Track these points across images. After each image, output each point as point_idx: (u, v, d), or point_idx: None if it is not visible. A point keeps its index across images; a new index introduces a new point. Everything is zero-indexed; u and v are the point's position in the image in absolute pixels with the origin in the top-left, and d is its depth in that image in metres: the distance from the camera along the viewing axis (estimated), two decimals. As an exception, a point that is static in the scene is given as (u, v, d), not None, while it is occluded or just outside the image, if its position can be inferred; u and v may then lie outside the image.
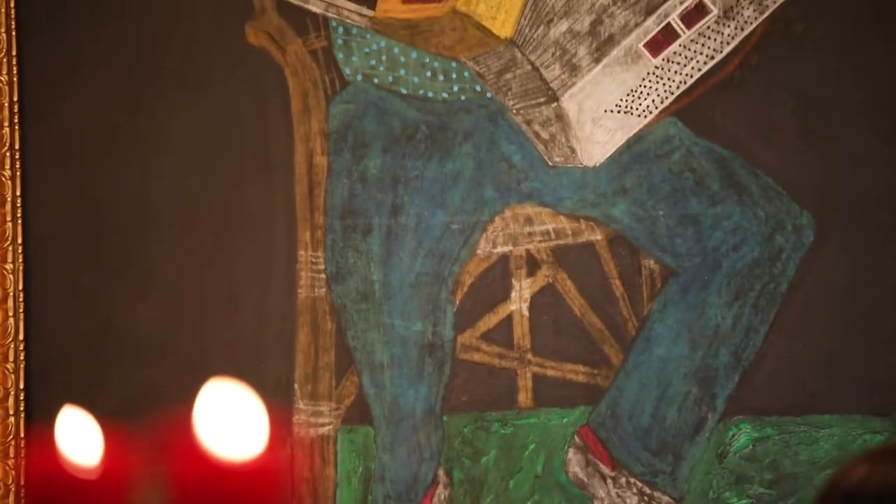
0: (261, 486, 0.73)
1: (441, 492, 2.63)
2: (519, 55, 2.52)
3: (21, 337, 2.62)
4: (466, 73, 2.63)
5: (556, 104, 2.54)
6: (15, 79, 2.59)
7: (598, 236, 2.64)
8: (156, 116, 2.62)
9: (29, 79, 2.61)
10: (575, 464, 2.61)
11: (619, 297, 2.64)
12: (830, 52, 2.58)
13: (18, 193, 2.61)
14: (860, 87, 2.58)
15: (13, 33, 2.59)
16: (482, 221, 2.64)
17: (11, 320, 2.61)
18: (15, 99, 2.60)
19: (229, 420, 0.75)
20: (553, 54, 2.52)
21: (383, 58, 2.64)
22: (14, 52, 2.59)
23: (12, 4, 2.59)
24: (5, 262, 2.60)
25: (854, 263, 2.59)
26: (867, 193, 2.58)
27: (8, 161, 2.59)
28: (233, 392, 0.77)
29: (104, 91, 2.62)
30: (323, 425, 2.65)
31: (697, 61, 2.56)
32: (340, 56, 2.64)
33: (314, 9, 2.61)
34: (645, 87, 2.56)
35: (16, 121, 2.60)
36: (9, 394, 2.60)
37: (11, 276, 2.61)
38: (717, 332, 2.61)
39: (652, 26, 2.54)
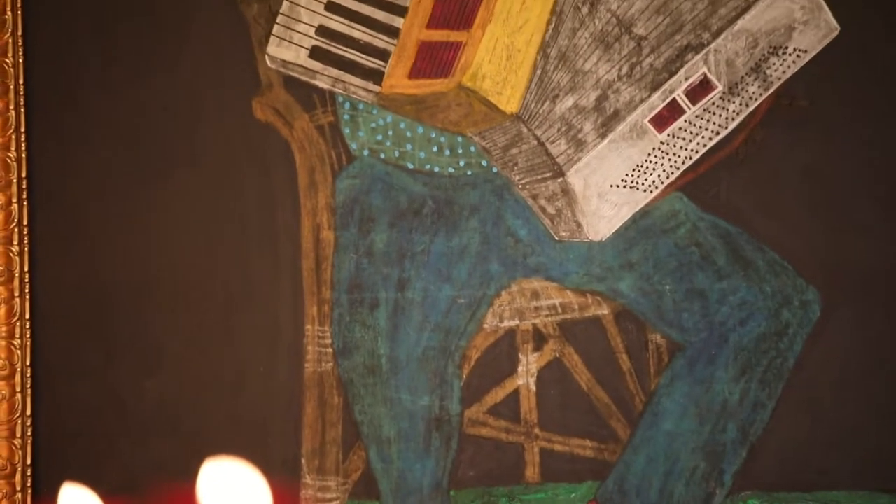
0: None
1: (448, 567, 2.59)
2: (525, 130, 2.48)
3: (28, 412, 2.57)
4: (472, 148, 2.60)
5: (562, 179, 2.51)
6: (23, 155, 2.56)
7: (604, 311, 2.60)
8: (162, 191, 2.58)
9: (37, 154, 2.58)
10: (582, 539, 2.57)
11: (626, 372, 2.60)
12: (836, 128, 2.55)
13: (26, 269, 2.57)
14: (866, 163, 2.55)
15: (22, 109, 2.56)
16: (489, 296, 2.61)
17: (19, 396, 2.57)
18: (23, 175, 2.56)
19: (235, 496, 0.70)
20: (559, 129, 2.48)
21: (390, 133, 2.61)
22: (23, 129, 2.56)
23: (21, 81, 2.56)
24: (13, 337, 2.56)
25: (861, 338, 2.55)
26: (874, 268, 2.54)
27: (16, 237, 2.56)
28: (239, 469, 0.73)
29: (111, 166, 2.58)
30: (330, 500, 2.60)
31: (703, 137, 2.52)
32: (347, 131, 2.61)
33: (321, 84, 2.58)
34: (650, 162, 2.52)
35: (24, 196, 2.56)
36: (16, 470, 2.56)
37: (19, 352, 2.56)
38: (724, 406, 2.57)
39: (657, 102, 2.50)
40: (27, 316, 2.57)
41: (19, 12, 2.55)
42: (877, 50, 2.55)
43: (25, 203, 2.57)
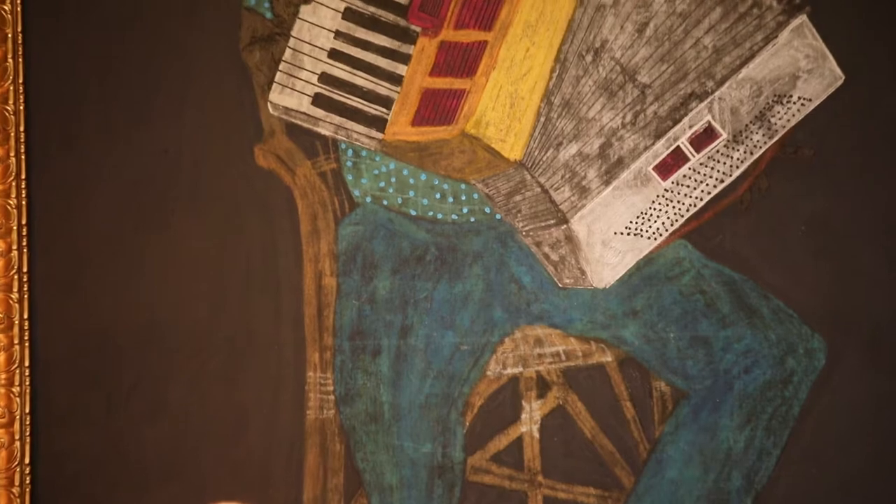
0: None
1: None
2: (528, 177, 2.45)
3: (27, 461, 2.52)
4: (476, 195, 2.57)
5: (565, 226, 2.47)
6: (23, 202, 2.51)
7: (608, 358, 2.56)
8: (164, 238, 2.54)
9: (37, 201, 2.53)
10: (587, 589, 2.53)
11: (631, 420, 2.56)
12: (840, 177, 2.53)
13: (26, 316, 2.52)
14: (870, 211, 2.52)
15: (22, 156, 2.51)
16: (492, 343, 2.57)
17: (17, 444, 2.51)
18: (23, 222, 2.51)
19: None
20: (563, 177, 2.45)
21: (393, 180, 2.57)
22: (23, 176, 2.51)
23: (21, 128, 2.52)
24: (12, 385, 2.51)
25: (866, 387, 2.52)
26: (879, 317, 2.52)
27: (16, 284, 2.51)
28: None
29: (112, 212, 2.53)
30: (331, 549, 2.56)
31: (707, 185, 2.49)
32: (350, 178, 2.57)
33: (324, 131, 2.54)
34: (655, 209, 2.49)
35: (24, 243, 2.51)
36: (14, 519, 2.51)
37: (18, 399, 2.51)
38: (729, 454, 2.53)
39: (661, 150, 2.47)
40: (27, 363, 2.51)
41: (20, 59, 2.51)
42: (881, 99, 2.53)
43: (25, 250, 2.52)
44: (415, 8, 2.50)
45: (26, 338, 2.52)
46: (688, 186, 2.48)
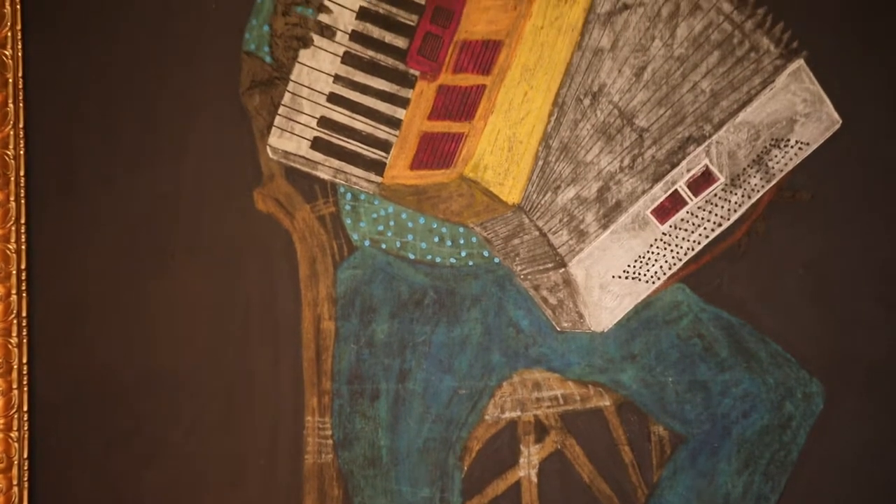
0: None
1: None
2: (527, 221, 2.43)
3: (25, 505, 2.50)
4: (474, 239, 2.55)
5: (563, 270, 2.45)
6: (23, 246, 2.50)
7: (606, 402, 2.54)
8: (163, 281, 2.52)
9: (37, 246, 2.52)
10: None
11: (629, 464, 2.53)
12: (837, 221, 2.50)
13: (25, 361, 2.50)
14: (869, 256, 2.50)
15: (22, 201, 2.50)
16: (490, 387, 2.54)
17: (16, 489, 2.49)
18: (23, 266, 2.50)
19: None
20: (561, 220, 2.43)
21: (391, 223, 2.55)
22: (23, 220, 2.50)
23: (21, 172, 2.50)
24: (10, 430, 2.49)
25: (865, 431, 2.49)
26: (877, 361, 2.49)
27: (15, 329, 2.49)
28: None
29: (111, 257, 2.52)
30: (330, 593, 2.54)
31: (705, 228, 2.47)
32: (348, 222, 2.56)
33: (322, 175, 2.53)
34: (652, 253, 2.47)
35: (23, 288, 2.50)
36: (12, 563, 2.49)
37: (16, 445, 2.49)
38: (727, 499, 2.50)
39: (659, 193, 2.46)
40: (25, 408, 2.49)
41: (21, 104, 2.50)
42: (879, 143, 2.51)
43: (25, 294, 2.50)
44: (413, 52, 2.49)
45: (25, 382, 2.50)
46: (686, 230, 2.46)
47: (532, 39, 2.41)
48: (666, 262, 2.47)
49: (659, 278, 2.48)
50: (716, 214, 2.47)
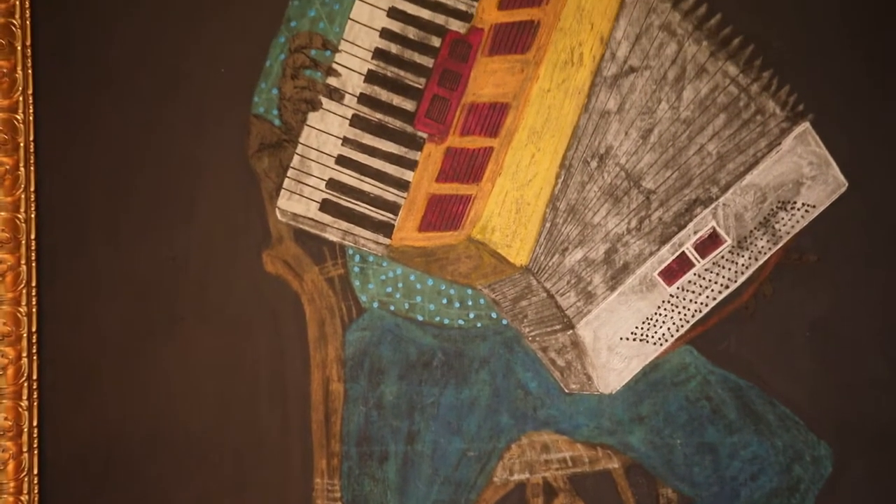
0: None
1: None
2: (534, 282, 2.41)
3: (35, 568, 2.48)
4: (482, 301, 2.53)
5: (571, 331, 2.44)
6: (33, 309, 2.49)
7: (615, 464, 2.51)
8: (172, 345, 2.51)
9: (47, 308, 2.51)
10: None
11: (637, 526, 2.51)
12: (844, 283, 2.49)
13: (35, 424, 2.49)
14: (875, 318, 2.48)
15: (33, 263, 2.49)
16: (499, 449, 2.52)
17: (25, 551, 2.48)
18: (33, 329, 2.49)
19: None
20: (568, 282, 2.42)
21: (399, 285, 2.54)
22: (33, 283, 2.49)
23: (32, 235, 2.49)
24: (21, 493, 2.47)
25: (874, 495, 2.46)
26: (886, 424, 2.47)
27: (25, 391, 2.48)
28: None
29: (121, 318, 2.51)
30: None
31: (712, 290, 2.46)
32: (357, 283, 2.54)
33: (331, 237, 2.52)
34: (660, 315, 2.45)
35: (34, 350, 2.49)
36: None
37: (26, 507, 2.48)
38: (736, 562, 2.48)
39: (667, 255, 2.44)
40: (35, 471, 2.48)
41: (31, 168, 2.49)
42: (885, 206, 2.49)
43: (35, 357, 2.49)
44: (421, 114, 2.48)
45: (35, 446, 2.48)
46: (693, 292, 2.45)
47: (539, 102, 2.40)
48: (674, 323, 2.45)
49: (667, 340, 2.46)
50: (723, 276, 2.45)
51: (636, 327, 2.44)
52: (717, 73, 2.45)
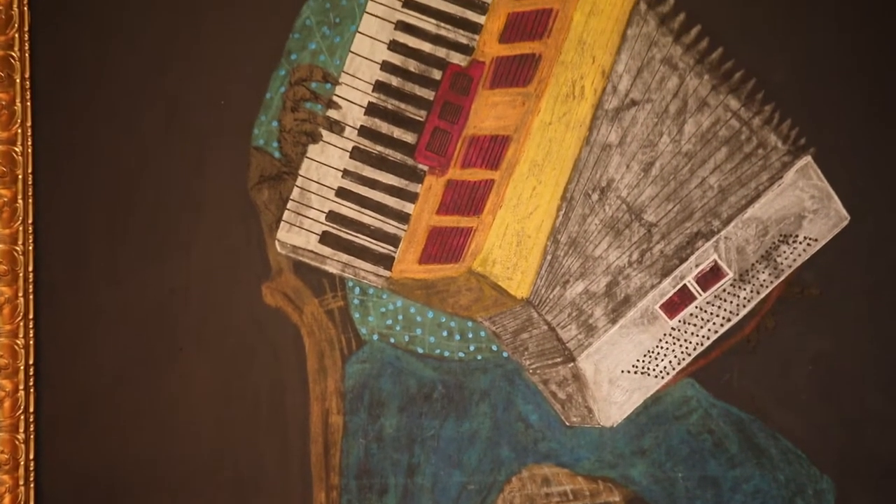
0: None
1: None
2: (535, 315, 2.40)
3: None
4: (483, 333, 2.51)
5: (572, 364, 2.42)
6: (31, 342, 2.46)
7: (616, 497, 2.49)
8: (171, 377, 2.48)
9: (44, 341, 2.48)
10: None
11: (639, 560, 2.49)
12: (846, 317, 2.47)
13: (31, 457, 2.46)
14: (878, 351, 2.47)
15: (30, 297, 2.46)
16: (499, 482, 2.50)
17: (21, 586, 2.44)
18: (30, 362, 2.46)
19: None
20: (569, 315, 2.40)
21: (400, 317, 2.52)
22: (31, 316, 2.47)
23: (30, 268, 2.47)
24: (17, 527, 2.45)
25: (876, 529, 2.46)
26: (888, 458, 2.45)
27: (22, 425, 2.45)
28: None
29: (119, 352, 2.48)
30: None
31: (714, 323, 2.44)
32: (357, 316, 2.52)
33: (331, 269, 2.50)
34: (662, 348, 2.44)
35: (31, 383, 2.46)
36: None
37: (22, 541, 2.45)
38: None
39: (668, 288, 2.43)
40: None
41: (30, 200, 2.47)
42: (887, 239, 2.48)
43: (32, 389, 2.46)
44: (422, 147, 2.47)
45: (31, 479, 2.45)
46: (695, 325, 2.43)
47: (540, 135, 2.39)
48: (675, 356, 2.44)
49: (668, 373, 2.44)
50: (725, 310, 2.44)
51: (637, 360, 2.43)
52: (718, 106, 2.44)
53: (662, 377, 2.44)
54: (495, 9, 2.49)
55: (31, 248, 2.47)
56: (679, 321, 2.43)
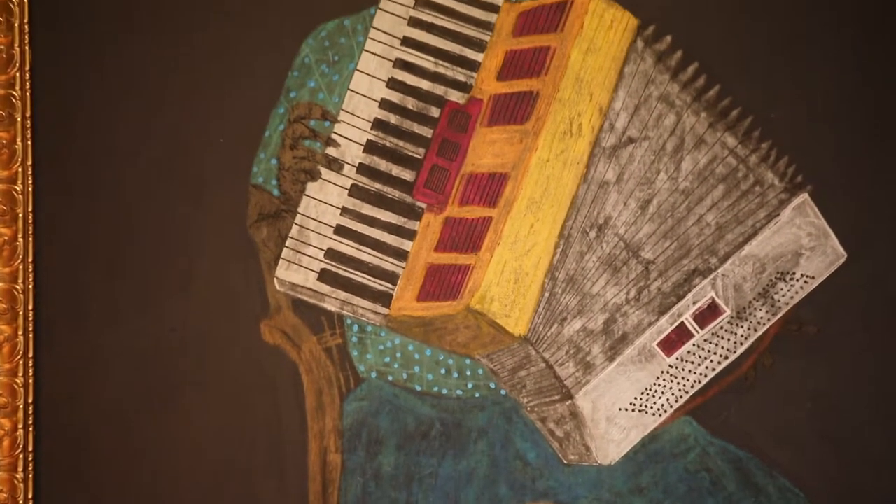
0: None
1: None
2: (533, 353, 2.39)
3: None
4: (481, 371, 2.51)
5: (570, 402, 2.41)
6: (30, 381, 2.46)
7: (614, 536, 2.49)
8: (170, 414, 2.47)
9: (43, 380, 2.48)
10: None
11: None
12: (844, 354, 2.46)
13: (30, 496, 2.45)
14: (876, 390, 2.45)
15: (30, 335, 2.46)
16: (497, 520, 2.50)
17: None
18: (29, 400, 2.45)
19: None
20: (567, 352, 2.39)
21: (398, 355, 2.51)
22: (30, 355, 2.46)
23: (30, 307, 2.47)
24: (15, 565, 2.44)
25: (876, 568, 2.44)
26: (886, 496, 2.44)
27: (21, 463, 2.44)
28: None
29: (117, 392, 2.47)
30: None
31: (711, 361, 2.43)
32: (355, 353, 2.52)
33: (329, 307, 2.49)
34: (659, 385, 2.42)
35: (30, 422, 2.45)
36: None
37: (21, 580, 2.44)
38: None
39: (665, 326, 2.42)
40: (31, 545, 2.45)
41: (30, 239, 2.47)
42: (884, 277, 2.47)
43: (31, 429, 2.46)
44: (420, 185, 2.47)
45: (30, 518, 2.46)
46: (692, 363, 2.42)
47: (538, 172, 2.38)
48: (673, 394, 2.43)
49: (666, 411, 2.43)
50: (722, 347, 2.43)
51: (635, 398, 2.42)
52: (715, 143, 2.43)
53: (660, 415, 2.43)
54: (493, 47, 2.49)
55: (30, 286, 2.47)
56: (677, 358, 2.42)
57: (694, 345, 2.42)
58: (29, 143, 2.48)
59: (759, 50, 2.49)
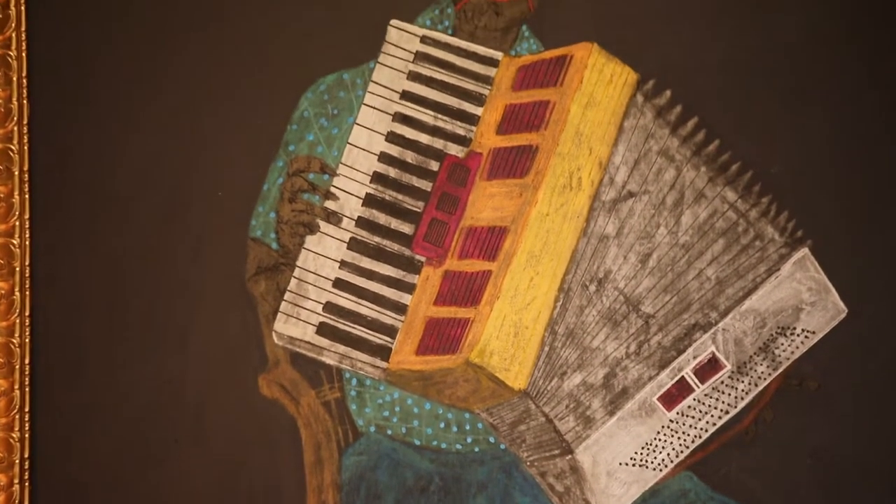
0: None
1: None
2: (533, 407, 2.37)
3: None
4: (480, 425, 2.49)
5: (570, 456, 2.39)
6: (26, 434, 2.44)
7: (614, 592, 2.46)
8: (167, 469, 2.45)
9: (40, 434, 2.45)
10: None
11: None
12: (845, 410, 2.45)
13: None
14: (876, 446, 2.44)
15: (26, 389, 2.45)
16: (497, 576, 2.47)
17: None
18: (25, 455, 2.43)
19: None
20: (567, 406, 2.38)
21: (397, 409, 2.50)
22: (27, 408, 2.44)
23: (27, 361, 2.45)
24: None
25: None
26: (890, 547, 2.43)
27: (17, 488, 2.44)
28: None
29: (114, 445, 2.45)
30: None
31: (712, 416, 2.42)
32: (354, 407, 2.50)
33: (328, 361, 2.47)
34: (660, 440, 2.41)
35: (25, 477, 2.43)
36: None
37: None
38: None
39: (666, 380, 2.40)
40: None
41: (27, 293, 2.46)
42: (885, 332, 2.46)
43: (27, 483, 2.44)
44: (419, 238, 2.45)
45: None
46: (693, 417, 2.41)
47: (538, 226, 2.37)
48: (673, 449, 2.41)
49: (666, 466, 2.41)
50: (723, 402, 2.41)
51: (635, 452, 2.40)
52: (715, 198, 2.43)
53: (661, 470, 2.41)
54: (493, 100, 2.48)
55: (27, 340, 2.45)
56: (677, 413, 2.40)
57: (695, 399, 2.40)
58: (26, 196, 2.47)
59: (759, 104, 2.49)
